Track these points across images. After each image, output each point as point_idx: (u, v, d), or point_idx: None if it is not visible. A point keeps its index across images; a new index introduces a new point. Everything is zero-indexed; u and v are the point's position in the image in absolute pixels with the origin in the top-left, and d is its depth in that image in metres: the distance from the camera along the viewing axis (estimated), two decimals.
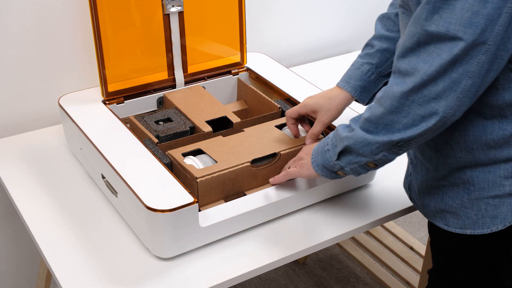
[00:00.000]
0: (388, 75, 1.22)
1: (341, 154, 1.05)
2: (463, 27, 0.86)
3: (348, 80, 1.23)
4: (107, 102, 1.36)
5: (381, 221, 1.26)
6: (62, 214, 1.23)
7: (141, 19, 1.37)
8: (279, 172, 1.23)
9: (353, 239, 2.13)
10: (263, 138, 1.28)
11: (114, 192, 1.19)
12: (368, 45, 1.25)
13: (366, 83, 1.22)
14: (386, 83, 1.24)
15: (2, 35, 1.39)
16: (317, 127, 1.23)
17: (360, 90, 1.22)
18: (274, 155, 1.24)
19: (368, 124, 0.99)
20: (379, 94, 0.99)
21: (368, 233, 2.14)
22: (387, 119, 0.96)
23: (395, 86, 0.94)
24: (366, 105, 1.25)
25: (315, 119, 1.24)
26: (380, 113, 0.97)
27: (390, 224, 2.14)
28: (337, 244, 2.14)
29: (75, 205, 1.25)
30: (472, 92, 0.91)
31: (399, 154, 1.01)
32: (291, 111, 1.26)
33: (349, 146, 1.03)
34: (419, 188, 1.14)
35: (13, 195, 1.27)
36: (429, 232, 1.15)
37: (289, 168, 1.19)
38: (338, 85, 1.24)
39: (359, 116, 1.04)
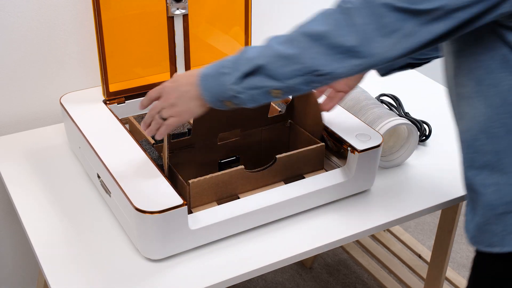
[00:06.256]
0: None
1: (247, 76, 0.92)
2: None
3: None
4: (107, 102, 1.37)
5: (378, 228, 1.25)
6: (58, 213, 1.23)
7: (144, 20, 1.37)
8: (275, 175, 1.22)
9: (361, 245, 2.11)
10: None
11: (108, 192, 1.19)
12: None
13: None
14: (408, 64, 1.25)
15: (5, 33, 1.41)
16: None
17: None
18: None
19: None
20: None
21: (376, 239, 2.12)
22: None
23: None
24: (382, 76, 1.26)
25: None
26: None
27: (399, 231, 2.11)
28: (344, 249, 2.12)
29: (72, 204, 1.26)
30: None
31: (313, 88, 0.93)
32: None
33: (262, 65, 0.90)
34: None
35: (11, 192, 1.28)
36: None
37: (163, 118, 1.04)
38: None
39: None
